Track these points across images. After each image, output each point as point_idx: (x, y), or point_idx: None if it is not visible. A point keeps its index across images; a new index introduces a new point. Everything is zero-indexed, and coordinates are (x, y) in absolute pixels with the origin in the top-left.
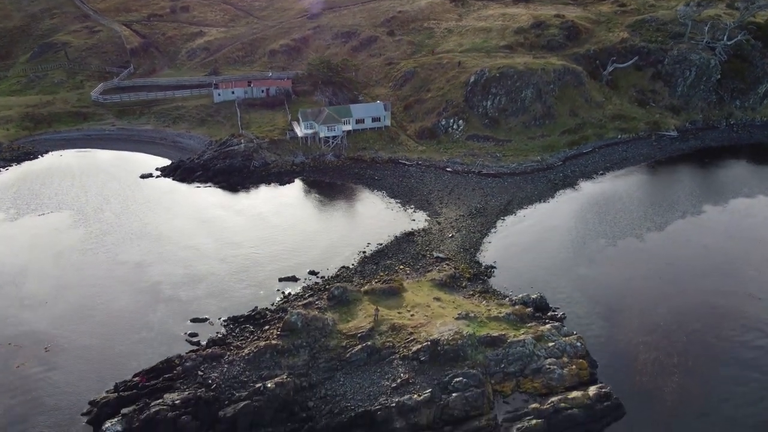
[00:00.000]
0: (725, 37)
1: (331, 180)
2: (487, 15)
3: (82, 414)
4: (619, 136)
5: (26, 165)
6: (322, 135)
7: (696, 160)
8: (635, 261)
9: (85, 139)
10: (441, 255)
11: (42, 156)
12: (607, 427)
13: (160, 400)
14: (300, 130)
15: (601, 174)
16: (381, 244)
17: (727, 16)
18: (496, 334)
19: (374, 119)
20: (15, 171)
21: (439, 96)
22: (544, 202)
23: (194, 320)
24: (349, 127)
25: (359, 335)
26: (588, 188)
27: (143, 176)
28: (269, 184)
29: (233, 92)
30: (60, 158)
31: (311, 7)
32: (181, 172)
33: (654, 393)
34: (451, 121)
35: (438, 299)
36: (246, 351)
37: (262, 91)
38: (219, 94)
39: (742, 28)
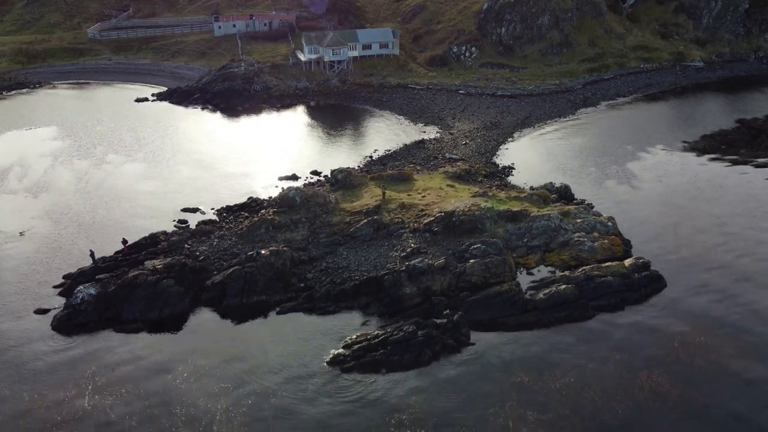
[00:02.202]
0: None
1: (336, 102)
2: None
3: (53, 287)
4: (642, 66)
5: (17, 92)
6: (326, 59)
7: (725, 87)
8: (667, 162)
9: (79, 72)
10: (454, 156)
11: (34, 87)
12: (648, 299)
13: (141, 266)
14: (304, 55)
15: (624, 97)
16: (389, 150)
17: None
18: (517, 209)
19: (382, 45)
20: (4, 97)
21: (450, 26)
22: (564, 117)
23: (184, 210)
24: (355, 53)
25: (364, 211)
26: (611, 107)
27: (138, 100)
28: (270, 105)
29: (234, 25)
30: (53, 88)
31: None
32: (178, 95)
33: (696, 270)
34: (464, 48)
35: (452, 186)
36: (238, 227)
37: (265, 24)
38: (219, 27)
39: None
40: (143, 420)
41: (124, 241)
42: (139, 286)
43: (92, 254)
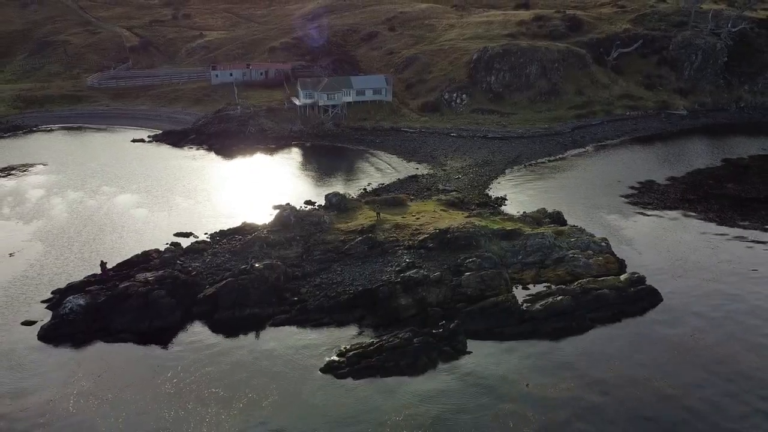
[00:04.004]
0: (729, 24)
1: (330, 143)
2: (489, 14)
3: (41, 301)
4: (628, 113)
5: (12, 134)
6: (321, 103)
7: (708, 132)
8: (657, 194)
9: (76, 116)
10: (448, 187)
11: (29, 130)
12: (644, 313)
13: (132, 279)
14: (299, 100)
15: (612, 140)
16: (383, 184)
17: (728, 10)
18: (511, 228)
19: (375, 91)
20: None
21: (442, 76)
22: (554, 156)
23: (177, 234)
24: (349, 99)
25: (359, 230)
26: (599, 148)
27: (134, 141)
28: (265, 146)
29: (231, 74)
30: (48, 131)
31: (313, 11)
32: (174, 136)
33: (692, 287)
34: (455, 95)
35: (445, 211)
36: (232, 246)
37: (261, 74)
38: (216, 76)
39: (743, 19)
40: (130, 428)
41: (103, 265)
42: (130, 296)
43: (103, 265)
